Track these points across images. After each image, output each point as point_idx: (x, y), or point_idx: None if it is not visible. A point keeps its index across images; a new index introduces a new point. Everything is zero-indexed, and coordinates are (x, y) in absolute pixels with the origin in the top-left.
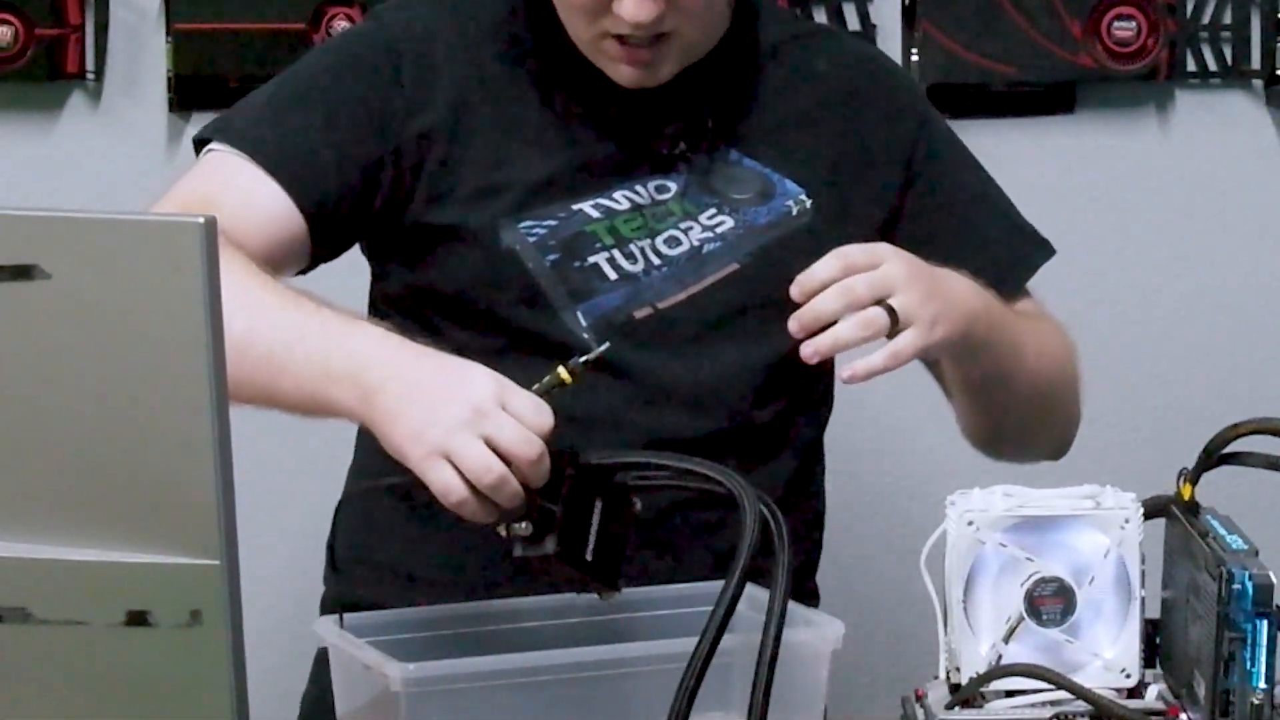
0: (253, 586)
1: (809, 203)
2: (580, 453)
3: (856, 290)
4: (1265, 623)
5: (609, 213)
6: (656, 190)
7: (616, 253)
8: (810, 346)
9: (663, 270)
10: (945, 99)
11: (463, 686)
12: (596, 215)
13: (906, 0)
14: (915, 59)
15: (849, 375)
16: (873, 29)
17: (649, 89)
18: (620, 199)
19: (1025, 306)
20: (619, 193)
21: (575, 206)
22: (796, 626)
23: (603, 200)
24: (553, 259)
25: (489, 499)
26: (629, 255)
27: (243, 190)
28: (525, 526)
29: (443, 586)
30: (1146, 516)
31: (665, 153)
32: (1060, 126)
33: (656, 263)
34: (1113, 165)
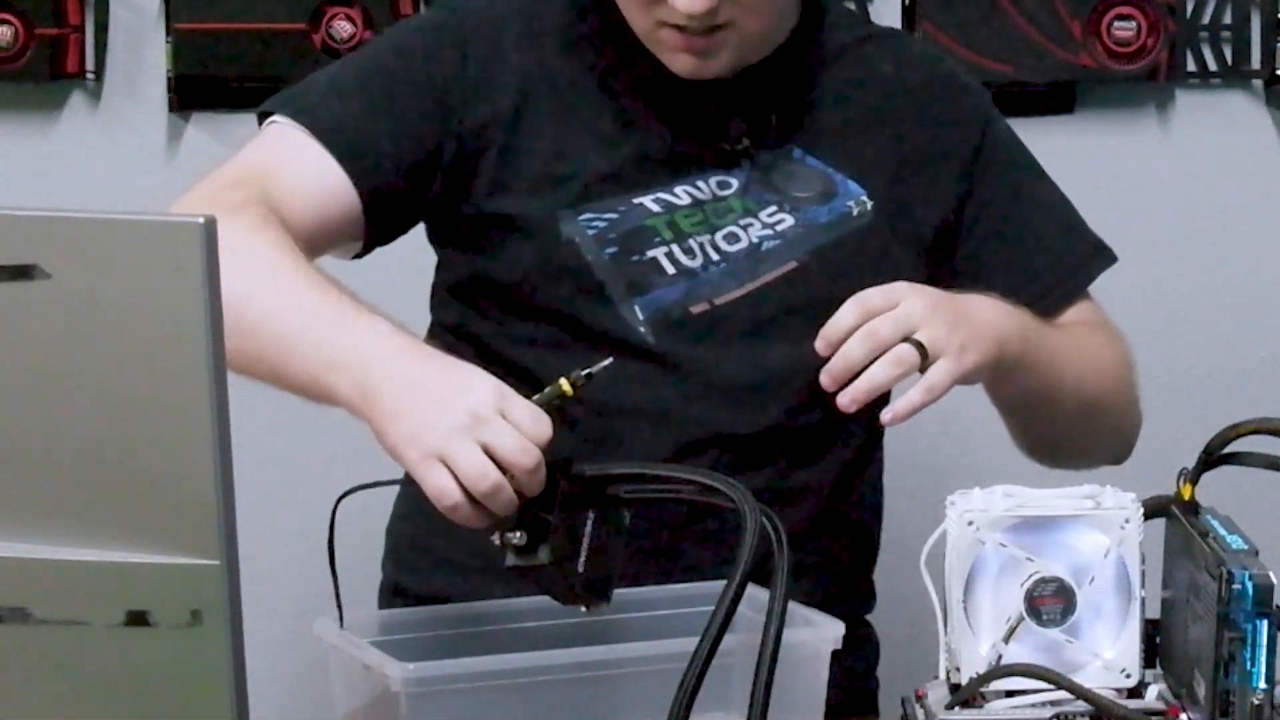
0: (252, 586)
1: (869, 204)
2: (573, 463)
3: (881, 332)
4: (1265, 623)
5: (669, 207)
6: (718, 186)
7: (675, 247)
8: (847, 395)
9: (721, 266)
10: None
11: (462, 686)
12: (656, 209)
13: (906, 0)
14: None
15: (890, 417)
16: None
17: (715, 84)
18: (681, 194)
19: (1082, 314)
20: (680, 187)
21: (636, 200)
22: (796, 626)
23: (663, 195)
24: (611, 252)
25: (483, 506)
26: (688, 250)
27: (299, 163)
28: (519, 536)
29: (493, 576)
30: (1147, 516)
31: (728, 149)
32: (1060, 126)
33: (715, 258)
34: (1112, 165)
